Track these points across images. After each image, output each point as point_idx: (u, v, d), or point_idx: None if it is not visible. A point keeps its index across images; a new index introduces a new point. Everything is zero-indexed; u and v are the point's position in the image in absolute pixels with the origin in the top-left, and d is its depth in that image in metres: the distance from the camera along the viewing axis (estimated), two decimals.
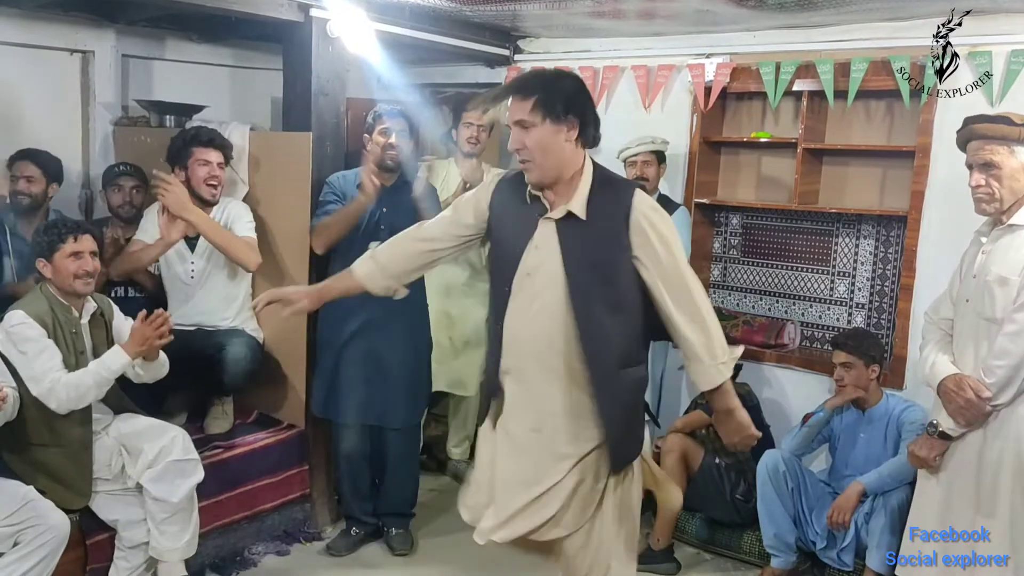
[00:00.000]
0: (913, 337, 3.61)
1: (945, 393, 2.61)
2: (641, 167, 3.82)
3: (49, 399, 2.75)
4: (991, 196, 2.55)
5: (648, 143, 3.83)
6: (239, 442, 3.56)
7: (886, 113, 3.79)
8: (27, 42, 3.83)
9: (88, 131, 4.10)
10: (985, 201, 2.57)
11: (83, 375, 2.78)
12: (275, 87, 3.98)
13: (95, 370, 2.80)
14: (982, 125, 2.57)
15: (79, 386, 2.76)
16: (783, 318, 4.18)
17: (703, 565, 3.69)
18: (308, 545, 3.66)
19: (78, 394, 2.77)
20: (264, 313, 2.70)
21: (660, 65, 4.13)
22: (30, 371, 2.76)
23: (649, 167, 3.83)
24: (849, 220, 3.97)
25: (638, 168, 3.83)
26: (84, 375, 2.78)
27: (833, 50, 3.69)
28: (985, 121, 2.58)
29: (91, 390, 2.80)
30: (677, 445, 3.61)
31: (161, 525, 2.93)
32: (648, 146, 3.82)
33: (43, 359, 2.76)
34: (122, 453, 2.97)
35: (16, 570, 2.62)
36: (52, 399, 2.75)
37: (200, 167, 3.49)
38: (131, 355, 2.84)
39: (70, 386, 2.75)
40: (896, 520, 3.15)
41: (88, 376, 2.78)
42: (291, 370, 3.73)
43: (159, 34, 4.26)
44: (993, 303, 2.54)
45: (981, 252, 2.63)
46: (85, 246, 2.87)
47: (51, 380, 2.74)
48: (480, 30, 4.29)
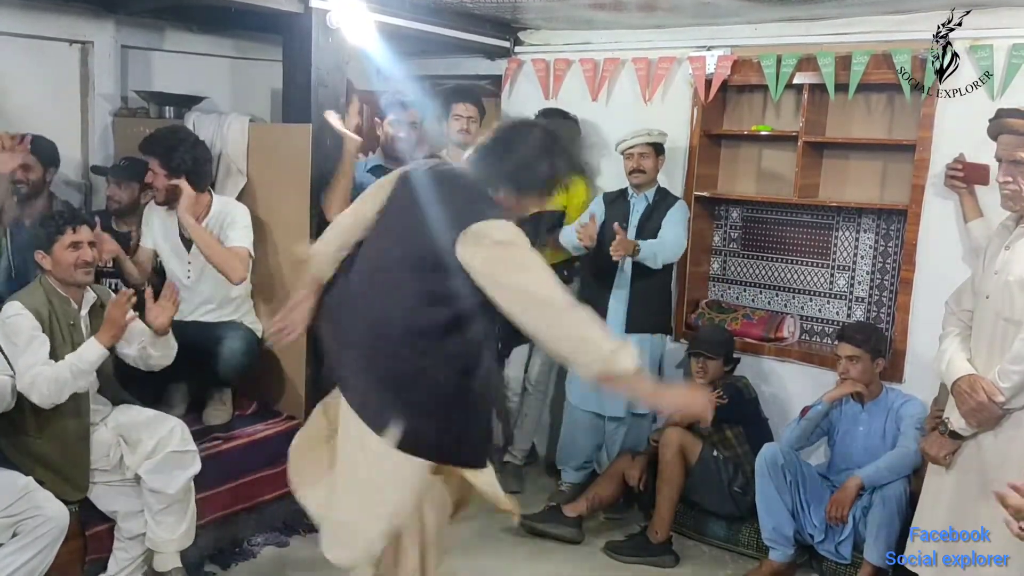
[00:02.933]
0: (913, 331, 3.61)
1: (959, 394, 2.58)
2: (638, 159, 3.82)
3: (31, 393, 2.74)
4: (1018, 194, 2.51)
5: (644, 135, 3.82)
6: (238, 433, 3.57)
7: (887, 106, 3.78)
8: (26, 32, 3.82)
9: (87, 122, 4.09)
10: (1011, 198, 2.54)
11: (61, 368, 2.77)
12: (275, 78, 3.98)
13: (71, 362, 2.78)
14: (1016, 120, 2.51)
15: (58, 380, 2.75)
16: (782, 311, 4.17)
17: (701, 558, 3.70)
18: (307, 536, 3.65)
19: (57, 387, 2.75)
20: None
21: (661, 57, 4.12)
22: (18, 363, 2.76)
23: (646, 159, 3.83)
24: (849, 214, 3.97)
25: (635, 160, 3.83)
26: (62, 368, 2.77)
27: (834, 43, 3.68)
28: (1019, 116, 2.52)
29: (69, 383, 2.77)
30: (675, 438, 3.62)
31: (158, 516, 2.94)
32: (644, 138, 3.82)
33: (29, 353, 2.76)
34: (120, 444, 2.97)
35: (15, 561, 2.63)
36: (34, 393, 2.74)
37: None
38: (105, 343, 2.82)
39: (50, 380, 2.74)
40: (894, 513, 3.16)
41: (65, 369, 2.76)
42: (290, 362, 3.73)
43: (159, 25, 4.25)
44: (1012, 305, 2.50)
45: (1005, 247, 2.58)
46: (84, 236, 2.88)
47: (32, 375, 2.74)
48: (480, 22, 4.28)
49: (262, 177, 3.74)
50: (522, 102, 4.56)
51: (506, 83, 4.61)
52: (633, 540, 3.68)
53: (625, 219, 3.86)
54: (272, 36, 4.19)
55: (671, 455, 3.60)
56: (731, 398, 3.66)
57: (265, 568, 3.42)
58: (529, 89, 4.54)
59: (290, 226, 3.62)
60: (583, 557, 3.65)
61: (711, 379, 3.74)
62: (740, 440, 3.70)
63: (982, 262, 2.69)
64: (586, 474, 4.11)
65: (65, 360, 2.79)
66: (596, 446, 4.11)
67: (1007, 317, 2.52)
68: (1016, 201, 2.54)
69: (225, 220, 3.52)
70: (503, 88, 4.63)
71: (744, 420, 3.72)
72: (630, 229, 3.83)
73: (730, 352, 3.81)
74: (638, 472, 3.76)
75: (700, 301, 4.29)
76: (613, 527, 3.90)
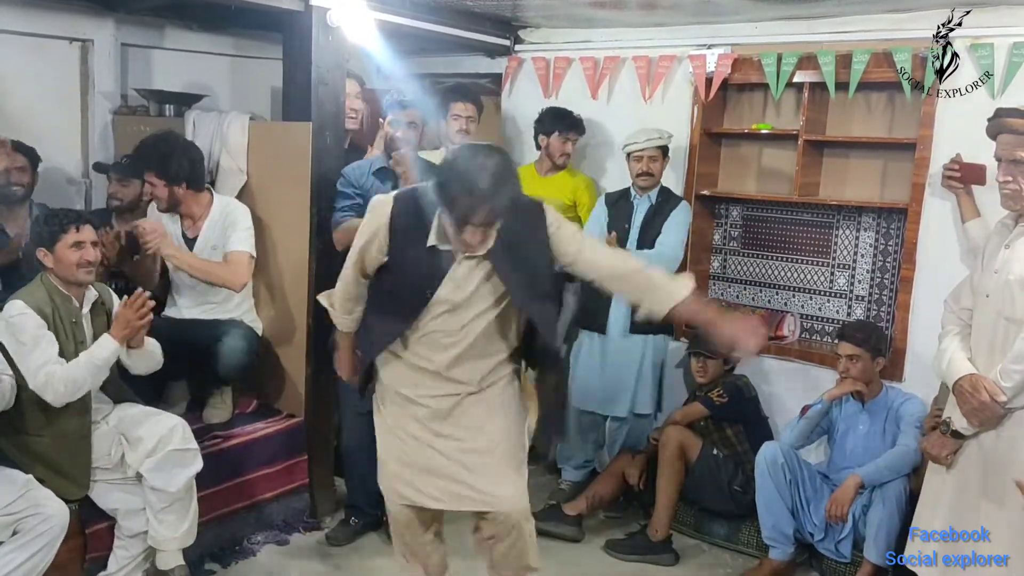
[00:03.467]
0: (913, 330, 3.61)
1: (960, 393, 2.57)
2: (647, 162, 3.78)
3: (45, 392, 2.75)
4: (1017, 193, 2.50)
5: (656, 138, 3.78)
6: (238, 432, 3.57)
7: (887, 105, 3.78)
8: (26, 31, 3.82)
9: (87, 120, 4.09)
10: (1011, 198, 2.53)
11: (75, 367, 2.79)
12: (275, 77, 3.97)
13: (86, 361, 2.81)
14: (1015, 120, 2.50)
15: (75, 379, 2.77)
16: (783, 310, 4.17)
17: (701, 556, 3.70)
18: (307, 535, 3.67)
19: (75, 387, 2.78)
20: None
21: (661, 56, 4.12)
22: (27, 363, 2.76)
23: (655, 163, 3.79)
24: (849, 212, 3.96)
25: (644, 163, 3.78)
26: (76, 367, 2.79)
27: (835, 41, 3.67)
28: (1018, 116, 2.51)
29: (86, 381, 2.81)
30: (675, 437, 3.62)
31: (159, 514, 2.94)
32: (655, 141, 3.78)
33: (39, 352, 2.77)
34: (122, 442, 2.97)
35: (15, 559, 2.62)
36: (48, 392, 2.75)
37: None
38: (118, 340, 2.85)
39: (67, 379, 2.75)
40: (894, 512, 3.16)
41: (80, 368, 2.79)
42: (291, 361, 3.74)
43: (159, 23, 4.25)
44: (1013, 304, 2.49)
45: (1004, 246, 2.57)
46: (86, 236, 2.88)
47: (46, 373, 2.74)
48: (481, 20, 4.27)
49: (262, 175, 3.74)
50: (522, 100, 4.56)
51: (506, 81, 4.61)
52: (633, 538, 3.68)
53: (628, 220, 3.84)
54: (272, 34, 4.19)
55: (671, 453, 3.60)
56: (731, 397, 3.66)
57: (265, 566, 3.42)
58: (529, 87, 4.53)
59: (290, 224, 3.62)
60: (583, 555, 3.65)
61: (711, 378, 3.74)
62: (740, 439, 3.70)
63: (981, 261, 2.68)
64: (586, 473, 4.11)
65: (80, 358, 2.81)
66: (597, 445, 4.12)
67: (1008, 316, 2.51)
68: (1016, 200, 2.52)
69: (227, 222, 3.53)
70: (503, 86, 4.63)
71: (744, 419, 3.72)
72: (633, 231, 3.81)
73: None
74: (638, 471, 3.76)
75: None
76: (613, 525, 3.89)
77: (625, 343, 3.84)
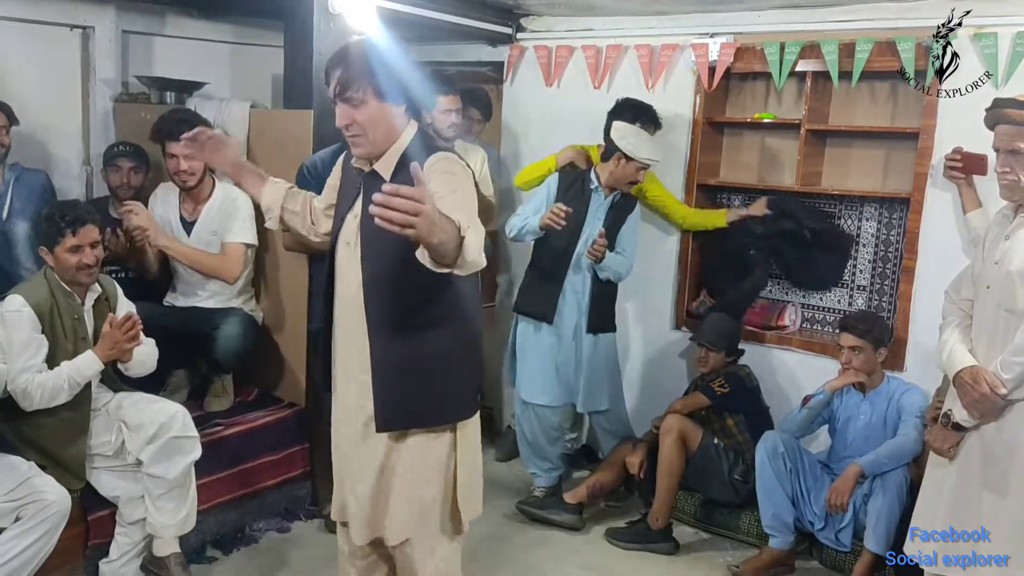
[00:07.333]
0: (915, 319, 3.61)
1: (961, 385, 2.56)
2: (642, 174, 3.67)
3: (22, 399, 2.76)
4: (1016, 184, 2.49)
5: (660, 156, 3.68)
6: (239, 420, 3.58)
7: (890, 94, 3.77)
8: (27, 17, 3.81)
9: (88, 107, 4.08)
10: (1009, 188, 2.51)
11: (56, 378, 2.78)
12: (276, 64, 3.96)
13: (68, 374, 2.80)
14: (1013, 111, 2.48)
15: (52, 389, 2.77)
16: (784, 300, 4.17)
17: (701, 545, 3.72)
18: (309, 522, 3.68)
19: (51, 396, 2.78)
20: None
21: (663, 44, 4.10)
22: (11, 363, 2.76)
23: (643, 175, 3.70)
24: (851, 202, 3.96)
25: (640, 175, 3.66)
26: (57, 378, 2.78)
27: (838, 30, 3.66)
28: (1015, 107, 2.48)
29: (62, 393, 2.80)
30: (676, 426, 3.62)
31: (158, 501, 2.95)
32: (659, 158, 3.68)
33: (25, 356, 2.76)
34: (122, 430, 2.98)
35: (17, 545, 2.63)
36: (24, 399, 2.76)
37: (169, 160, 3.47)
38: (102, 359, 2.84)
39: (44, 388, 2.75)
40: (894, 501, 3.17)
41: (61, 379, 2.78)
42: (291, 349, 3.74)
43: (159, 10, 4.23)
44: (1014, 295, 2.48)
45: (1005, 237, 2.56)
46: (85, 239, 2.84)
47: (25, 380, 2.74)
48: (482, 8, 4.26)
49: (263, 162, 3.70)
50: (524, 89, 4.55)
51: (509, 70, 4.59)
52: (633, 527, 3.69)
53: (585, 209, 3.68)
54: (273, 21, 4.18)
55: (671, 443, 3.61)
56: (732, 386, 3.66)
57: (266, 553, 3.43)
58: (531, 76, 4.52)
59: None
60: (584, 544, 3.67)
61: (712, 368, 3.75)
62: (741, 428, 3.71)
63: (981, 252, 2.67)
64: (559, 475, 4.00)
65: (62, 369, 2.80)
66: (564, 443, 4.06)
67: (1008, 307, 2.50)
68: (1014, 191, 2.51)
69: (228, 209, 3.53)
70: (506, 75, 4.61)
71: (745, 408, 3.72)
72: (590, 221, 3.69)
73: (734, 344, 3.79)
74: (638, 459, 3.76)
75: (701, 289, 4.29)
76: (613, 514, 3.91)
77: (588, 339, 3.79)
